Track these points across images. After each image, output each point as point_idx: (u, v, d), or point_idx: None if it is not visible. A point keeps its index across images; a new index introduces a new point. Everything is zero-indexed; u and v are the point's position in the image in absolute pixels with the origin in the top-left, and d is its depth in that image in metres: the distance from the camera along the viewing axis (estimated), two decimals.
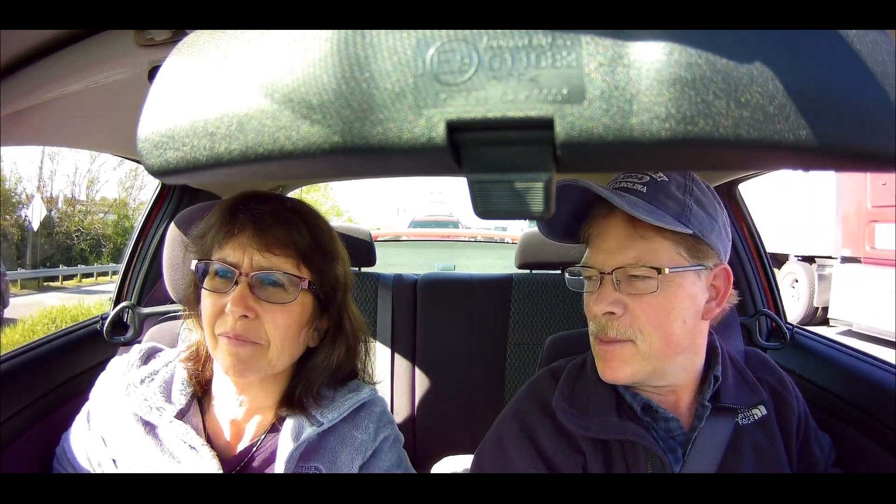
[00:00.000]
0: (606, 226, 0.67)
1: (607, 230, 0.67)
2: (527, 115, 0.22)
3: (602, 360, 0.67)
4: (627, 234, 0.65)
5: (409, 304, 1.60)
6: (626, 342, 0.65)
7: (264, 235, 0.67)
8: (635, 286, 0.64)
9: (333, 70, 0.23)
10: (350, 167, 0.26)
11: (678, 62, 0.21)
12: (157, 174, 0.28)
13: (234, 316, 0.65)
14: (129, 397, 0.71)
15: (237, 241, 0.67)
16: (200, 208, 0.94)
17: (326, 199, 26.69)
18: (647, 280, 0.64)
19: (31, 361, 1.04)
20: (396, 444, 0.78)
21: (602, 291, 0.66)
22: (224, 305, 0.66)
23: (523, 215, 0.25)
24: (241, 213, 0.67)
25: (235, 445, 0.72)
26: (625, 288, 0.65)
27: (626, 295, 0.65)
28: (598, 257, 0.67)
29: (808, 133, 0.21)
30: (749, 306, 1.34)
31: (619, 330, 0.65)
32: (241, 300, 0.65)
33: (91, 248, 16.55)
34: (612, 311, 0.65)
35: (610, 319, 0.65)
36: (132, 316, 1.30)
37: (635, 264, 0.64)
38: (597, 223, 0.69)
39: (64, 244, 15.90)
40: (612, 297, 0.65)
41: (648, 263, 0.64)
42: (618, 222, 0.66)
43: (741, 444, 0.69)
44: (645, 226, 0.64)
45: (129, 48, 0.59)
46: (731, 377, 0.72)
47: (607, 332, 0.65)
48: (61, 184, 17.36)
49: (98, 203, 18.05)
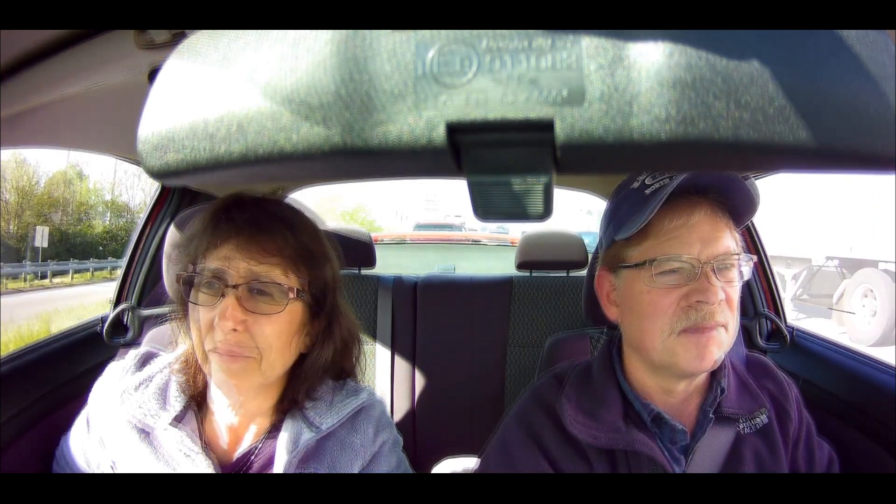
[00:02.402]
0: (694, 216, 0.66)
1: (698, 220, 0.66)
2: (527, 117, 0.22)
3: (702, 348, 0.64)
4: (716, 224, 0.66)
5: (410, 306, 1.60)
6: (721, 327, 0.65)
7: (249, 245, 0.65)
8: (728, 274, 0.66)
9: (333, 71, 0.23)
10: (350, 169, 0.26)
11: (678, 64, 0.21)
12: (156, 176, 0.28)
13: (223, 330, 0.63)
14: (123, 404, 0.71)
15: (221, 252, 0.65)
16: (200, 210, 0.94)
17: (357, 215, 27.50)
18: (734, 269, 0.66)
19: (32, 363, 1.04)
20: (396, 447, 0.78)
21: (709, 280, 0.64)
22: (212, 319, 0.64)
23: (523, 217, 0.26)
24: (223, 223, 0.65)
25: (233, 451, 0.72)
26: (720, 276, 0.65)
27: (723, 283, 0.65)
28: (691, 247, 0.65)
29: (808, 135, 0.21)
30: (749, 307, 1.34)
31: (723, 315, 0.65)
32: (230, 313, 0.63)
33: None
34: (721, 299, 0.65)
35: (720, 306, 0.65)
36: (132, 317, 1.30)
37: (730, 253, 0.66)
38: (683, 212, 0.66)
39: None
40: (719, 284, 0.65)
41: (735, 252, 0.66)
42: (707, 213, 0.66)
43: (742, 452, 0.69)
44: (727, 216, 0.67)
45: (129, 50, 0.59)
46: (732, 384, 0.72)
47: (716, 317, 0.64)
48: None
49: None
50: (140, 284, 1.36)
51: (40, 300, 11.14)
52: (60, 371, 1.08)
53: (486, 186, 0.25)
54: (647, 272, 0.66)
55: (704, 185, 0.66)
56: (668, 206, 0.66)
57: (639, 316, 0.68)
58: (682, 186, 0.65)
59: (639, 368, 0.71)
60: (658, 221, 0.66)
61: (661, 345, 0.66)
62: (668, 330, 0.65)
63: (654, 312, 0.66)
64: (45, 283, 15.96)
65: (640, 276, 0.67)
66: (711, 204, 0.66)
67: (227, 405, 0.71)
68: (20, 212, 21.79)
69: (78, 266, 18.64)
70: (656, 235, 0.66)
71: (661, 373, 0.69)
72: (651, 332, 0.66)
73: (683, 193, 0.66)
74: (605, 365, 0.74)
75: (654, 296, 0.66)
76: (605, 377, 0.73)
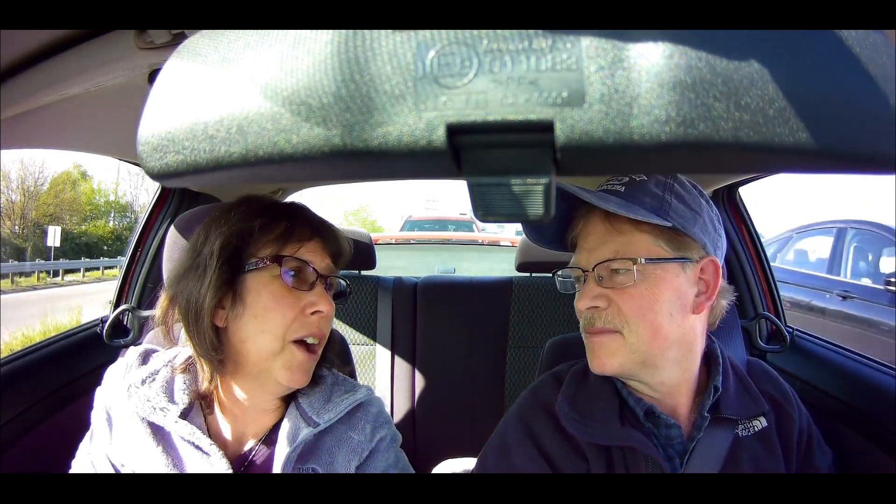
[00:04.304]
0: (587, 226, 0.70)
1: (588, 230, 0.70)
2: (527, 119, 0.22)
3: (591, 352, 0.69)
4: (605, 230, 0.68)
5: (409, 308, 1.60)
6: (613, 333, 0.67)
7: (329, 242, 0.72)
8: (616, 280, 0.66)
9: (333, 73, 0.23)
10: (350, 170, 0.26)
11: (678, 65, 0.21)
12: (157, 177, 0.28)
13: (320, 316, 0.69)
14: (130, 399, 0.71)
15: (311, 245, 0.71)
16: (201, 211, 0.94)
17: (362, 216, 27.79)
18: (627, 272, 0.66)
19: (32, 364, 1.04)
20: (393, 444, 0.78)
21: (586, 288, 0.68)
22: (301, 306, 0.67)
23: (523, 218, 0.25)
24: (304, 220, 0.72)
25: (237, 446, 0.72)
26: (608, 283, 0.67)
27: (609, 289, 0.67)
28: (580, 257, 0.70)
29: (808, 136, 0.21)
30: (749, 309, 1.34)
31: (605, 320, 0.67)
32: (329, 300, 0.69)
33: None
34: (595, 305, 0.67)
35: (596, 312, 0.67)
36: (132, 318, 1.29)
37: (613, 258, 0.66)
38: (579, 225, 0.71)
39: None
40: (595, 291, 0.67)
41: (625, 255, 0.66)
42: (596, 221, 0.69)
43: (740, 455, 0.69)
44: (622, 221, 0.67)
45: (129, 51, 0.59)
46: (732, 387, 0.72)
47: (594, 323, 0.68)
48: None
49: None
50: (140, 286, 1.36)
51: (64, 295, 11.29)
52: (61, 372, 1.08)
53: (486, 187, 0.25)
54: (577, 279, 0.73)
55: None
56: (576, 217, 0.72)
57: None
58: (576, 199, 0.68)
59: None
60: (572, 232, 0.73)
61: (585, 344, 0.71)
62: (583, 331, 0.71)
63: (577, 315, 0.71)
64: (57, 281, 16.18)
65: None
66: (601, 212, 0.68)
67: (234, 397, 0.71)
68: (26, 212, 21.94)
69: (88, 264, 18.96)
70: (574, 245, 0.73)
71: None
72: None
73: (587, 205, 0.68)
74: None
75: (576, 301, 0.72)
76: (600, 376, 0.73)
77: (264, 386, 0.70)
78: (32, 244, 20.35)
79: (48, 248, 18.38)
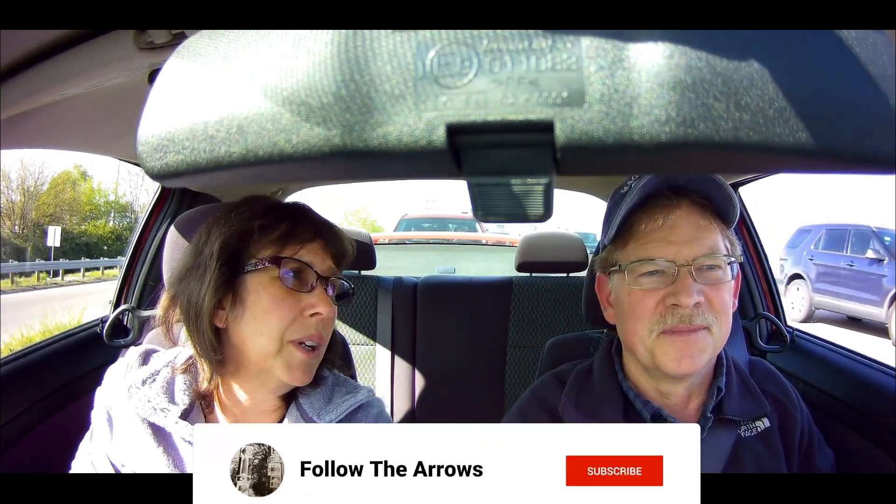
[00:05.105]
0: (670, 218, 0.66)
1: (673, 222, 0.66)
2: (527, 119, 0.22)
3: (680, 351, 0.65)
4: (698, 224, 0.66)
5: (409, 308, 1.60)
6: (704, 329, 0.65)
7: (331, 243, 0.71)
8: (710, 275, 0.65)
9: (333, 73, 0.23)
10: (350, 170, 0.26)
11: (678, 65, 0.21)
12: (157, 177, 0.28)
13: (319, 319, 0.67)
14: (131, 399, 0.71)
15: (312, 246, 0.69)
16: (201, 211, 0.94)
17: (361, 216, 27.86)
18: (719, 269, 0.66)
19: (32, 364, 1.04)
20: None
21: (684, 283, 0.64)
22: (300, 308, 0.66)
23: (523, 218, 0.26)
24: (306, 221, 0.70)
25: None
26: (699, 277, 0.65)
27: (703, 285, 0.65)
28: (667, 249, 0.65)
29: (808, 136, 0.21)
30: (749, 309, 1.34)
31: (702, 317, 0.65)
32: (329, 303, 0.68)
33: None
34: (699, 301, 0.64)
35: (696, 309, 0.64)
36: (132, 319, 1.29)
37: (711, 254, 0.65)
38: (660, 214, 0.66)
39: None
40: (696, 287, 0.64)
41: (721, 252, 0.65)
42: (688, 213, 0.66)
43: (742, 456, 0.69)
44: (711, 216, 0.66)
45: (129, 51, 0.59)
46: (735, 387, 0.72)
47: (694, 320, 0.64)
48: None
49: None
50: (140, 286, 1.36)
51: (64, 295, 11.30)
52: (61, 372, 1.08)
53: (486, 187, 0.25)
54: (632, 274, 0.67)
55: (682, 186, 0.66)
56: (648, 208, 0.67)
57: (625, 317, 0.69)
58: (657, 188, 0.66)
59: (635, 370, 0.72)
60: (637, 224, 0.67)
61: (644, 346, 0.67)
62: (649, 332, 0.66)
63: (636, 314, 0.67)
64: (57, 281, 16.14)
65: (625, 279, 0.68)
66: (692, 204, 0.66)
67: (237, 397, 0.71)
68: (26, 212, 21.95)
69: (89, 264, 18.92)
70: (636, 238, 0.67)
71: (652, 374, 0.69)
72: (635, 334, 0.67)
73: (663, 195, 0.66)
74: (606, 365, 0.74)
75: (635, 298, 0.67)
76: (605, 376, 0.73)
77: (266, 385, 0.70)
78: (32, 244, 20.36)
79: (48, 248, 18.38)
